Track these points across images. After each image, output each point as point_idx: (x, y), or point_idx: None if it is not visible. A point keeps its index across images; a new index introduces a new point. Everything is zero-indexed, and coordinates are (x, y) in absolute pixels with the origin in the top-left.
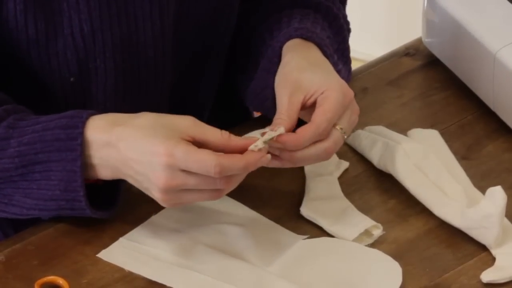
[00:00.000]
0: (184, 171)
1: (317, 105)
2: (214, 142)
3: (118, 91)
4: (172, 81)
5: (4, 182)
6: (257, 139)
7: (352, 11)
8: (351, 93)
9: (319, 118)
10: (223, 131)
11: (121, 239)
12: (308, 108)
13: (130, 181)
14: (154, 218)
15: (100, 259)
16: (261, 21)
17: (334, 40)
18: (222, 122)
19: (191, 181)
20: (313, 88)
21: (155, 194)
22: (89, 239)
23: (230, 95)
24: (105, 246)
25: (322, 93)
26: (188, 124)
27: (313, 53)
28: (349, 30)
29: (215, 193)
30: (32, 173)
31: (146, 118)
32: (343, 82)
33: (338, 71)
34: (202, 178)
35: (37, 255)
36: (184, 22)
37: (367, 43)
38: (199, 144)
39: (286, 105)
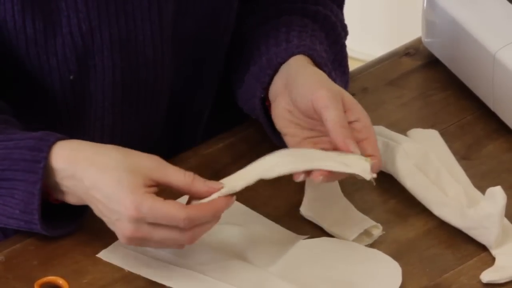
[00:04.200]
0: (151, 224)
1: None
2: (177, 185)
3: (116, 90)
4: (171, 80)
5: None
6: (221, 186)
7: (352, 11)
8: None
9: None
10: (187, 173)
11: None
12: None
13: (96, 213)
14: None
15: (100, 259)
16: (259, 24)
17: (331, 52)
18: (222, 121)
19: (156, 235)
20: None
21: (120, 238)
22: (89, 239)
23: (230, 94)
24: (105, 246)
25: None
26: (151, 166)
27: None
28: (346, 34)
29: (180, 246)
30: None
31: (111, 158)
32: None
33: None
34: (167, 233)
35: (37, 255)
36: (183, 22)
37: (367, 43)
38: (164, 186)
39: (340, 115)
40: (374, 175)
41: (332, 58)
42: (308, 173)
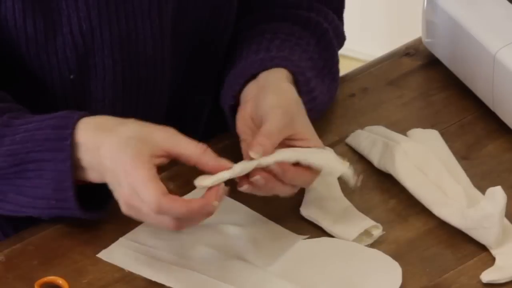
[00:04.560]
0: None
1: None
2: (187, 155)
3: (117, 89)
4: (171, 79)
5: (0, 178)
6: (231, 166)
7: (352, 11)
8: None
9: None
10: (200, 144)
11: (121, 239)
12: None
13: (110, 187)
14: None
15: (100, 259)
16: (248, 27)
17: (321, 58)
18: (223, 118)
19: (144, 209)
20: (302, 135)
21: (121, 206)
22: (89, 239)
23: None
24: (105, 246)
25: (302, 139)
26: (164, 136)
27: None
28: (342, 40)
29: (171, 226)
30: (25, 171)
31: (129, 128)
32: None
33: (314, 98)
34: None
35: (37, 255)
36: (183, 20)
37: (367, 43)
38: (175, 157)
39: (276, 133)
40: (361, 177)
41: (321, 65)
42: (248, 181)
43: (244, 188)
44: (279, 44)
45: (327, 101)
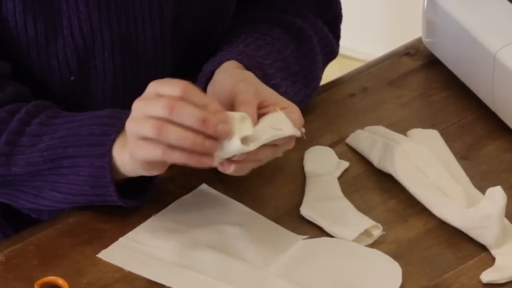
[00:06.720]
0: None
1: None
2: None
3: (117, 90)
4: None
5: (34, 175)
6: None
7: (352, 11)
8: None
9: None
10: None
11: (121, 239)
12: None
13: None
14: (154, 218)
15: (100, 259)
16: (232, 29)
17: (298, 63)
18: None
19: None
20: (270, 100)
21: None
22: (89, 239)
23: None
24: (105, 246)
25: (272, 105)
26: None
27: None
28: (331, 50)
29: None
30: (60, 168)
31: None
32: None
33: (283, 92)
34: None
35: (37, 255)
36: (182, 22)
37: (367, 43)
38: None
39: (252, 99)
40: (303, 129)
41: (296, 69)
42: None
43: (231, 169)
44: (249, 42)
45: (296, 104)
